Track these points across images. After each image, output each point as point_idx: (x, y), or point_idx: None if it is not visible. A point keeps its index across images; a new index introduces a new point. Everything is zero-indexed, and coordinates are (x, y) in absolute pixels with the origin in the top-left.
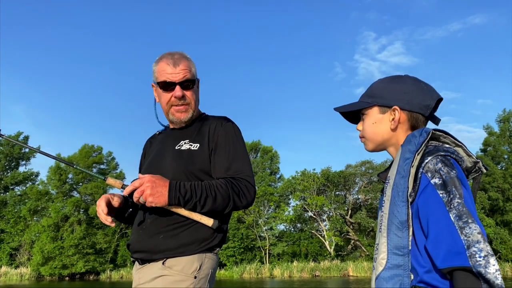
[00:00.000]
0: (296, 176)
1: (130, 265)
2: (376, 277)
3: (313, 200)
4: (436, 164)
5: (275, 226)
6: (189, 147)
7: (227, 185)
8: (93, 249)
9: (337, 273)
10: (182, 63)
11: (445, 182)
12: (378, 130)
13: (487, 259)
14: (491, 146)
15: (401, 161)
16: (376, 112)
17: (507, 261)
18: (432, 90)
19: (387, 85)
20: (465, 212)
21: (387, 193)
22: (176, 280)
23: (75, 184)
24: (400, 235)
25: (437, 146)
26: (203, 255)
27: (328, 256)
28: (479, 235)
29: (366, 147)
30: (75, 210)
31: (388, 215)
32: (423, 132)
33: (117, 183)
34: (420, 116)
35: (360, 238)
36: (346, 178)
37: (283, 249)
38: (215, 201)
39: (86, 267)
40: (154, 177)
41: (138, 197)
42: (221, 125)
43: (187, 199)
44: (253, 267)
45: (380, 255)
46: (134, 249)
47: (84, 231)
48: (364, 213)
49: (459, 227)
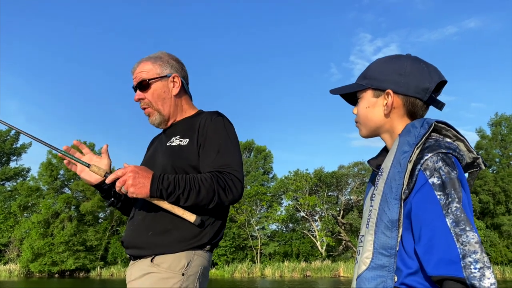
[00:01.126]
0: (289, 176)
1: (121, 262)
2: (358, 276)
3: (305, 200)
4: (436, 163)
5: (267, 225)
6: (179, 143)
7: (212, 179)
8: (84, 246)
9: (328, 274)
10: (139, 65)
11: (444, 183)
12: (371, 115)
13: (483, 272)
14: (483, 149)
15: (398, 153)
16: (370, 95)
17: (497, 264)
18: (434, 71)
19: (383, 66)
20: (463, 218)
21: (379, 186)
22: (163, 278)
23: (66, 180)
24: (389, 235)
25: (438, 141)
26: (192, 252)
27: (319, 256)
28: (476, 245)
29: (360, 133)
30: (66, 206)
31: (378, 211)
32: (425, 123)
33: (100, 171)
34: (417, 100)
35: (352, 239)
36: (339, 179)
37: (274, 249)
38: (199, 194)
39: (76, 264)
40: (137, 168)
41: (120, 186)
42: (211, 119)
43: (169, 191)
44: (244, 266)
45: (364, 253)
46: (127, 245)
47: (74, 228)
48: (356, 214)
49: (456, 234)
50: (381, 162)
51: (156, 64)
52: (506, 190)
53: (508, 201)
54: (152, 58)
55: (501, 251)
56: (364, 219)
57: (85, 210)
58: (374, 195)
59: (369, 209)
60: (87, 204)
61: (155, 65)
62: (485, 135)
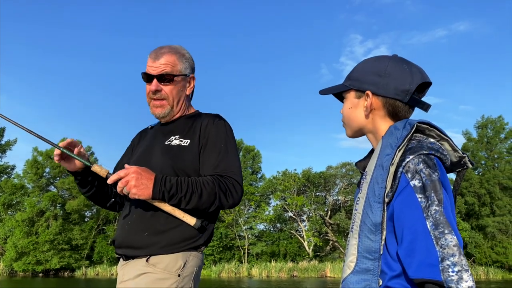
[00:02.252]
0: (277, 176)
1: (107, 262)
2: (343, 280)
3: (293, 200)
4: (418, 165)
5: (254, 225)
6: (179, 143)
7: (214, 183)
8: (69, 245)
9: (315, 274)
10: (164, 56)
11: (424, 185)
12: (353, 115)
13: (460, 275)
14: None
15: (380, 156)
16: (353, 96)
17: (481, 265)
18: (416, 72)
19: (365, 67)
20: (442, 221)
21: (363, 190)
22: (160, 278)
23: (52, 178)
24: (373, 238)
25: (421, 141)
26: (188, 253)
27: (307, 256)
28: (454, 248)
29: (346, 133)
30: (51, 205)
31: (361, 214)
32: (407, 125)
33: (102, 171)
34: (398, 102)
35: (339, 239)
36: (327, 179)
37: (262, 249)
38: (201, 198)
39: (61, 263)
40: (140, 169)
41: (122, 187)
42: (213, 123)
43: (172, 194)
44: (231, 266)
45: (349, 257)
46: (119, 245)
47: (60, 226)
48: (343, 214)
49: (435, 237)
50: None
51: (181, 60)
52: (491, 192)
53: (493, 202)
54: (178, 53)
55: (485, 252)
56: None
57: (71, 209)
58: (358, 198)
59: (354, 212)
60: (73, 202)
61: (180, 62)
62: (471, 137)
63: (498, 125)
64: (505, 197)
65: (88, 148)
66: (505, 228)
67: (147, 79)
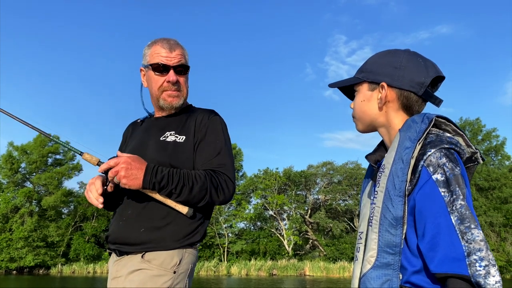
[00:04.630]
0: (259, 175)
1: (84, 259)
2: (363, 275)
3: (274, 199)
4: (440, 159)
5: (235, 224)
6: (174, 139)
7: (206, 177)
8: (44, 242)
9: (294, 272)
10: (178, 48)
11: (448, 179)
12: (366, 108)
13: (488, 269)
14: None
15: (400, 149)
16: (366, 88)
17: None
18: (431, 66)
19: (379, 59)
20: (468, 216)
21: (381, 183)
22: (155, 275)
23: (28, 174)
24: (394, 233)
25: (439, 136)
26: (183, 250)
27: (286, 255)
28: (481, 243)
29: (356, 127)
30: (26, 201)
31: (381, 208)
32: (425, 118)
33: (93, 159)
34: (412, 94)
35: (318, 238)
36: (307, 178)
37: (242, 247)
38: (191, 191)
39: (35, 261)
40: (130, 158)
41: (112, 177)
42: (208, 118)
43: (162, 185)
44: (211, 264)
45: (369, 252)
46: (113, 240)
47: (35, 223)
48: (323, 213)
49: (461, 231)
50: (379, 157)
51: (187, 53)
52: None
53: None
54: (182, 46)
55: None
56: (362, 216)
57: (47, 205)
58: (376, 192)
59: (372, 206)
60: (49, 198)
61: (187, 54)
62: None
63: (476, 127)
64: (481, 198)
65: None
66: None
67: (163, 70)
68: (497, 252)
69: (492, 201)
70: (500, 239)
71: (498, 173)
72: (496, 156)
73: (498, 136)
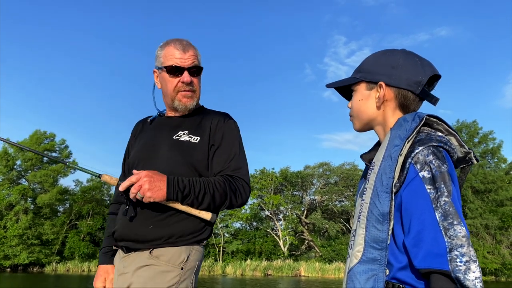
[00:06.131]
0: (255, 175)
1: (78, 257)
2: (349, 270)
3: (270, 199)
4: (427, 156)
5: (230, 223)
6: (188, 139)
7: (225, 183)
8: (39, 240)
9: (289, 273)
10: (191, 49)
11: (434, 176)
12: (364, 107)
13: (468, 265)
14: None
15: (389, 147)
16: (363, 88)
17: None
18: (427, 65)
19: (376, 59)
20: (451, 212)
21: (370, 180)
22: (163, 271)
23: (23, 171)
24: (380, 228)
25: (429, 134)
26: (191, 247)
27: (282, 255)
28: (463, 239)
29: (354, 127)
30: (21, 198)
31: (369, 204)
32: (416, 117)
33: (112, 180)
34: (409, 93)
35: (314, 239)
36: (304, 179)
37: (237, 247)
38: (213, 198)
39: (30, 259)
40: (151, 172)
41: (135, 192)
42: (224, 122)
43: (185, 194)
44: (206, 264)
45: (356, 247)
46: (121, 237)
47: (30, 220)
48: (319, 214)
49: (444, 227)
50: (373, 156)
51: (199, 54)
52: (463, 195)
53: (465, 205)
54: (195, 47)
55: None
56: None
57: (42, 203)
58: (365, 189)
59: (361, 203)
60: (45, 196)
61: (199, 55)
62: None
63: (473, 129)
64: (476, 200)
65: (62, 141)
66: (476, 230)
67: (178, 72)
68: (492, 254)
69: (488, 203)
70: (495, 242)
71: (494, 175)
72: (492, 158)
73: (495, 138)
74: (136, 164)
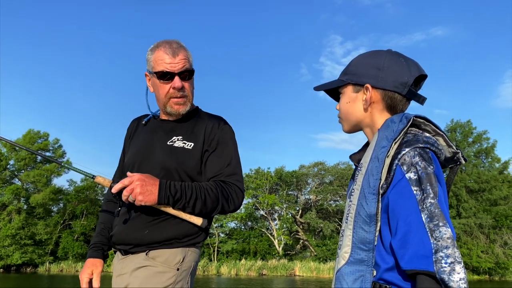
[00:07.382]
0: (250, 174)
1: (72, 258)
2: (337, 271)
3: (265, 198)
4: (413, 158)
5: (225, 223)
6: (182, 145)
7: (217, 189)
8: (32, 240)
9: (284, 272)
10: (181, 52)
11: (420, 178)
12: (351, 110)
13: (453, 266)
14: None
15: (376, 148)
16: (350, 90)
17: None
18: (413, 65)
19: (362, 61)
20: (437, 213)
21: (358, 181)
22: (159, 271)
23: (16, 171)
24: (367, 229)
25: (416, 135)
26: (187, 248)
27: (277, 255)
28: (448, 240)
29: (342, 128)
30: (14, 198)
31: (356, 206)
32: (403, 118)
33: (106, 181)
34: (396, 94)
35: (309, 238)
36: (299, 178)
37: (232, 247)
38: (205, 204)
39: (23, 259)
40: (143, 176)
41: (127, 195)
42: (218, 127)
43: (176, 199)
44: (200, 264)
45: (343, 248)
46: (118, 241)
47: (23, 220)
48: (314, 213)
49: (430, 229)
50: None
51: (191, 55)
52: (457, 194)
53: (459, 205)
54: (186, 48)
55: None
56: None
57: (35, 203)
58: (353, 190)
59: (349, 204)
60: (38, 196)
61: (191, 57)
62: None
63: (467, 129)
64: (470, 200)
65: (56, 140)
66: (470, 230)
67: (168, 77)
68: (486, 254)
69: (482, 203)
70: (489, 241)
71: (488, 175)
72: (486, 158)
73: (489, 138)
74: (131, 168)
